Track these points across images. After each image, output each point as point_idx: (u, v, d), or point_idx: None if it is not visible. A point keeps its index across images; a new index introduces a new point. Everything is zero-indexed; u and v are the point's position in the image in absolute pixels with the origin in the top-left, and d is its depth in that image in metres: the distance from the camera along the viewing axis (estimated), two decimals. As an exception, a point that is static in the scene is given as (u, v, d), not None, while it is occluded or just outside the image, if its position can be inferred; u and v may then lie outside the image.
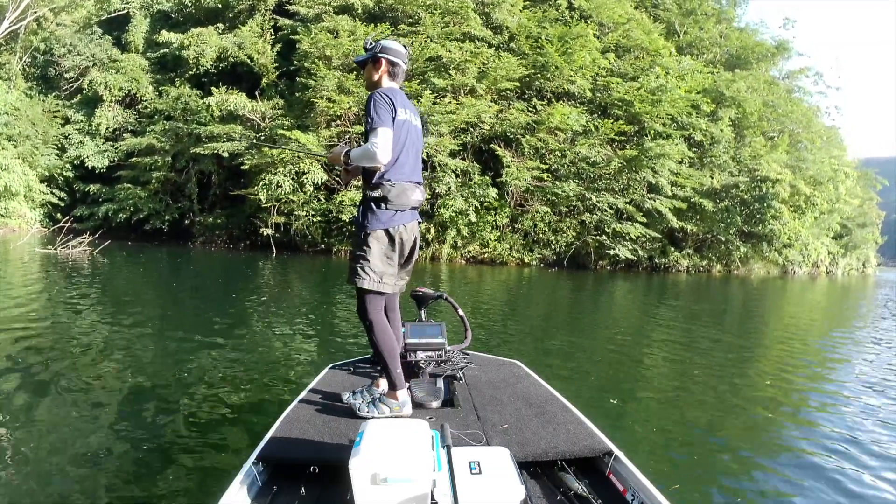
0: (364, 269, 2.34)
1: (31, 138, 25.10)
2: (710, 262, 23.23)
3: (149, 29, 26.30)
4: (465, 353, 3.22)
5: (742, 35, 28.48)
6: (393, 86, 2.51)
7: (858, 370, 5.76)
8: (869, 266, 39.97)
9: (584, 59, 20.78)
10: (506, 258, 19.75)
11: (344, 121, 19.32)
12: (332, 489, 1.82)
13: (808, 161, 25.31)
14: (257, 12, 23.38)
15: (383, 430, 1.67)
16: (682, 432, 3.54)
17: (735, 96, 23.31)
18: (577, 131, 20.24)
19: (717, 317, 9.99)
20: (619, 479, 1.90)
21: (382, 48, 2.51)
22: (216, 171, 22.17)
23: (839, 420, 3.93)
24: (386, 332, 2.40)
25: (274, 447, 2.00)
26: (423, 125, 2.67)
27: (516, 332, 7.01)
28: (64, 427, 3.13)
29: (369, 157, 2.28)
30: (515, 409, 2.42)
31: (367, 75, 2.57)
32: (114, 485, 2.52)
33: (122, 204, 23.09)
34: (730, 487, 2.79)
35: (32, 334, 5.27)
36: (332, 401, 2.49)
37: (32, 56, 28.30)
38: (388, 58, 2.50)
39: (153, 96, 24.41)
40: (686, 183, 21.27)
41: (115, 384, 3.94)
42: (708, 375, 5.20)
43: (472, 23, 20.71)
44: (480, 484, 1.55)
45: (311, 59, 19.56)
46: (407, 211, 2.42)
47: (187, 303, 8.30)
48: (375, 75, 2.52)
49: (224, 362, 4.63)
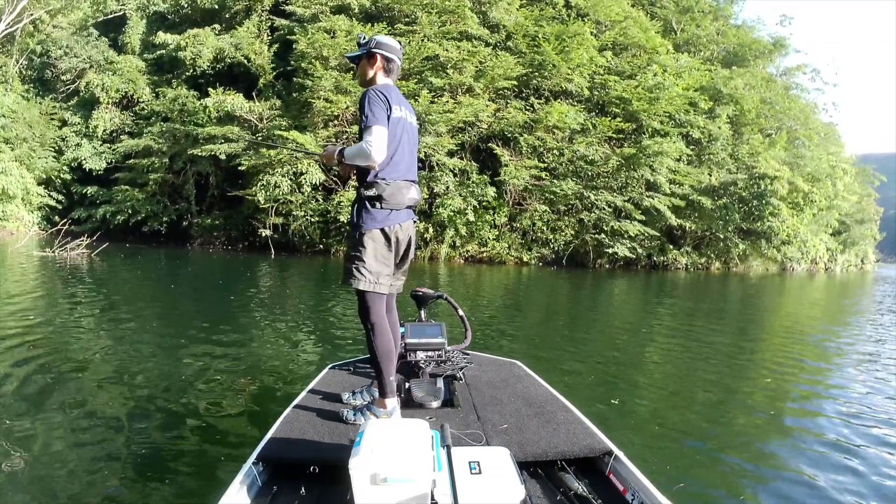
0: (359, 270, 2.30)
1: (28, 141, 25.03)
2: (708, 259, 23.24)
3: (145, 30, 26.22)
4: (464, 353, 3.22)
5: (739, 32, 28.50)
6: (388, 82, 2.46)
7: (858, 367, 5.75)
8: (867, 262, 40.01)
9: (582, 58, 20.78)
10: (504, 257, 19.75)
11: (341, 121, 19.30)
12: (332, 489, 1.81)
13: (806, 158, 25.32)
14: (254, 13, 23.34)
15: (383, 430, 1.67)
16: (683, 432, 3.53)
17: (733, 93, 23.34)
18: (574, 130, 20.24)
19: (716, 314, 9.98)
20: (619, 479, 1.90)
21: (377, 44, 2.45)
22: (214, 172, 22.13)
23: (840, 418, 3.92)
24: (385, 337, 2.35)
25: (274, 447, 2.00)
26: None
27: (515, 331, 7.00)
28: (64, 428, 3.12)
29: (364, 156, 2.23)
30: (515, 409, 2.42)
31: (360, 72, 2.50)
32: (114, 485, 2.51)
33: (120, 206, 23.03)
34: (730, 486, 2.78)
35: (31, 337, 5.24)
36: (331, 401, 2.49)
37: (29, 58, 28.21)
38: (383, 53, 2.44)
39: (150, 98, 24.33)
40: (684, 180, 21.28)
41: (115, 385, 3.93)
42: (708, 374, 5.19)
43: (469, 21, 20.69)
44: (480, 484, 1.55)
45: (307, 59, 19.52)
46: (403, 210, 2.37)
47: (186, 304, 8.28)
48: (370, 72, 2.46)
49: (224, 363, 4.62)
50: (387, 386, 2.33)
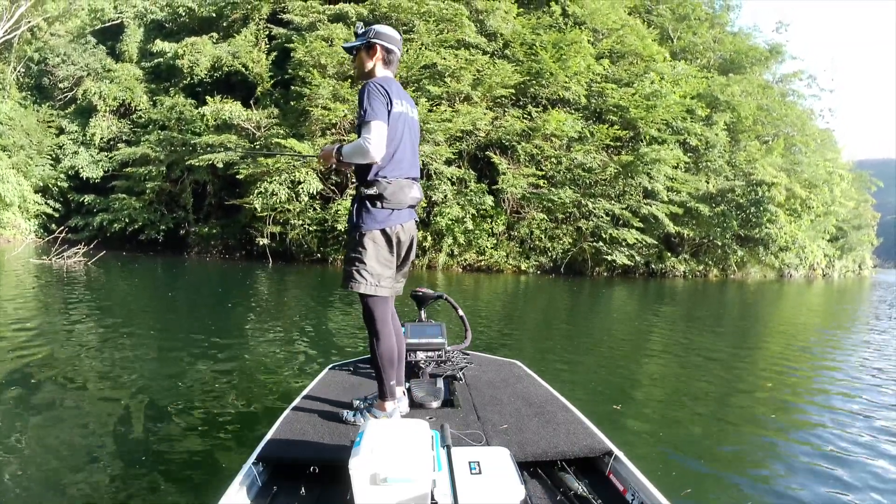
0: (360, 273, 2.21)
1: (26, 148, 25.04)
2: (706, 266, 23.25)
3: (143, 38, 26.25)
4: (465, 353, 3.22)
5: (735, 39, 28.70)
6: (388, 74, 2.34)
7: (855, 369, 5.74)
8: (865, 268, 40.17)
9: (579, 66, 20.87)
10: (502, 266, 19.73)
11: (339, 129, 19.32)
12: (332, 489, 1.81)
13: (803, 164, 25.45)
14: (251, 21, 23.42)
15: (383, 430, 1.66)
16: (683, 432, 3.52)
17: (730, 100, 23.45)
18: (572, 137, 20.29)
19: (715, 320, 9.99)
20: (619, 479, 1.89)
21: (376, 33, 2.32)
22: (211, 180, 22.11)
23: (840, 419, 3.91)
24: (389, 342, 2.29)
25: (274, 447, 1.99)
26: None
27: (515, 338, 6.97)
28: (64, 430, 3.12)
29: (362, 154, 2.13)
30: (515, 409, 2.41)
31: (358, 64, 2.37)
32: (115, 486, 2.52)
33: (117, 214, 22.97)
34: (731, 486, 2.76)
35: (29, 344, 5.21)
36: (331, 401, 2.47)
37: (26, 66, 28.25)
38: (383, 44, 2.32)
39: (147, 106, 24.34)
40: (682, 188, 21.33)
41: (114, 389, 3.92)
42: (707, 376, 5.19)
43: (466, 30, 20.77)
44: (480, 484, 1.54)
45: (305, 67, 19.56)
46: (404, 209, 2.27)
47: (185, 311, 8.25)
48: (369, 63, 2.33)
49: (223, 365, 4.61)
50: (388, 390, 2.29)
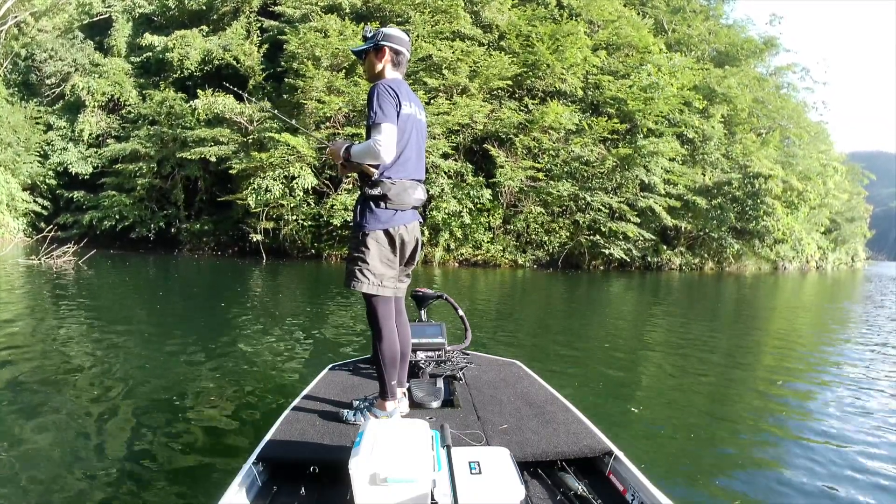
0: (363, 272, 2.24)
1: (13, 146, 24.71)
2: (702, 259, 23.32)
3: (131, 32, 25.93)
4: (465, 353, 3.24)
5: (730, 32, 28.77)
6: (397, 76, 2.37)
7: (856, 364, 5.74)
8: (858, 260, 40.47)
9: (576, 57, 20.80)
10: (499, 260, 19.68)
11: (334, 122, 19.12)
12: (332, 489, 1.82)
13: (798, 157, 25.53)
14: (242, 14, 23.19)
15: (383, 430, 1.67)
16: (683, 432, 3.48)
17: (727, 93, 23.46)
18: (570, 130, 20.24)
19: (712, 314, 10.00)
20: (619, 479, 1.90)
21: (384, 36, 2.35)
22: (202, 176, 21.93)
23: (841, 417, 3.87)
24: (392, 342, 2.31)
25: (274, 447, 2.00)
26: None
27: (513, 334, 6.92)
28: (61, 432, 3.08)
29: (372, 155, 2.15)
30: (515, 409, 2.43)
31: (367, 66, 2.41)
32: (114, 486, 2.50)
33: (107, 211, 22.72)
34: (731, 486, 2.73)
35: (20, 345, 5.10)
36: (331, 401, 2.49)
37: (13, 62, 27.87)
38: (392, 46, 2.35)
39: (137, 101, 24.03)
40: (679, 181, 21.37)
41: (111, 389, 3.85)
42: (707, 373, 5.14)
43: (461, 21, 20.64)
44: (480, 484, 1.55)
45: (299, 59, 19.36)
46: (408, 210, 2.30)
47: (178, 310, 8.13)
48: (378, 65, 2.36)
49: (222, 365, 4.54)
50: (389, 389, 2.31)
